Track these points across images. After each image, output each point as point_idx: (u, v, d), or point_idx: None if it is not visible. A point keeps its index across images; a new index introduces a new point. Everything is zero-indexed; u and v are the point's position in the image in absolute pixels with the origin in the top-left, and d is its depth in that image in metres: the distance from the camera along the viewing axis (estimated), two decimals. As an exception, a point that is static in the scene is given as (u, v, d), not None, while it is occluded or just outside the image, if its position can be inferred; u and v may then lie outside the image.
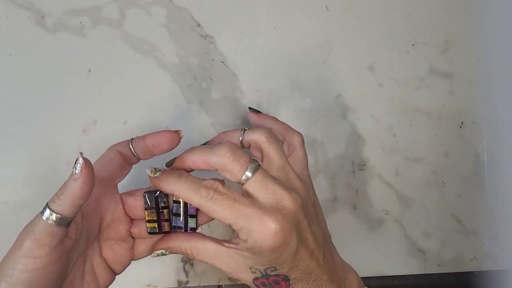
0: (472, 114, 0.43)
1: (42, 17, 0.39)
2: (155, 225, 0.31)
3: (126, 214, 0.31)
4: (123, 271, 0.32)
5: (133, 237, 0.32)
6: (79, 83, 0.39)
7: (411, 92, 0.42)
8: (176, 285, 0.41)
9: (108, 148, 0.31)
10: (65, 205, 0.25)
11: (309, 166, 0.41)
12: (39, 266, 0.25)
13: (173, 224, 0.32)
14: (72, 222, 0.26)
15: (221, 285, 0.41)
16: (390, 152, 0.42)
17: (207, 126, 0.40)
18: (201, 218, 0.32)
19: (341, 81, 0.42)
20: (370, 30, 0.42)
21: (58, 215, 0.25)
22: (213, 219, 0.30)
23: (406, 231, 0.42)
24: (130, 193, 0.32)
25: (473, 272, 0.43)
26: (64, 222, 0.25)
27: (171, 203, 0.32)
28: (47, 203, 0.26)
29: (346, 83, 0.42)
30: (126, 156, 0.30)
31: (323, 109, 0.42)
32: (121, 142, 0.31)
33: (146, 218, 0.31)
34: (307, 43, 0.41)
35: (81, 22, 0.39)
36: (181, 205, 0.31)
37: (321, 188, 0.41)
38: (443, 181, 0.42)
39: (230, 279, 0.41)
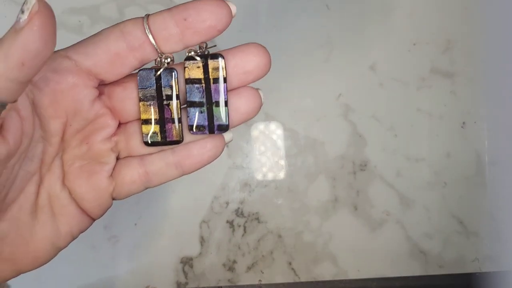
0: (473, 114, 0.42)
1: (41, 15, 0.39)
2: (156, 128, 0.20)
3: (110, 113, 0.20)
4: (101, 214, 0.21)
5: (117, 157, 0.21)
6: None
7: (412, 92, 0.42)
8: (175, 286, 0.40)
9: (111, 26, 0.19)
10: None
11: (309, 166, 0.41)
12: None
13: (189, 122, 0.20)
14: (8, 112, 0.16)
15: (221, 286, 0.41)
16: (391, 153, 0.42)
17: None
18: (236, 110, 0.20)
19: (341, 81, 0.41)
20: (371, 29, 0.42)
21: None
22: (256, 113, 0.20)
23: (407, 232, 0.42)
24: (116, 81, 0.20)
25: (474, 274, 0.43)
26: None
27: (182, 87, 0.20)
28: None
29: (347, 82, 0.41)
30: (133, 43, 0.18)
31: (323, 109, 0.41)
32: (129, 20, 0.19)
33: (141, 117, 0.20)
34: (307, 42, 0.41)
35: (79, 21, 0.39)
36: (202, 84, 0.19)
37: (322, 189, 0.41)
38: (444, 182, 0.42)
39: (229, 280, 0.41)
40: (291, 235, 0.41)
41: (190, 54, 0.20)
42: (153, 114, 0.20)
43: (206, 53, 0.20)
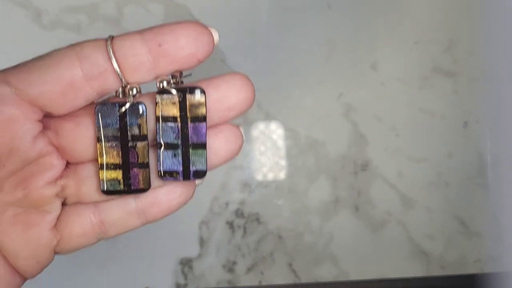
0: (476, 114, 0.42)
1: (39, 14, 0.39)
2: (118, 174, 0.16)
3: (56, 152, 0.16)
4: (38, 273, 0.17)
5: (63, 202, 0.17)
6: (76, 81, 0.38)
7: (414, 92, 0.42)
8: (174, 287, 0.40)
9: (65, 47, 0.16)
10: None
11: (310, 166, 0.41)
12: None
13: (160, 167, 0.17)
14: None
15: (221, 288, 0.41)
16: (392, 153, 0.42)
17: (206, 126, 0.40)
18: (215, 153, 0.17)
19: (343, 80, 0.41)
20: (372, 28, 0.41)
21: None
22: (237, 154, 0.18)
23: (409, 233, 0.42)
24: (66, 115, 0.16)
25: (476, 275, 0.43)
26: None
27: (151, 124, 0.17)
28: None
29: (348, 82, 0.41)
30: (92, 71, 0.15)
31: (324, 108, 0.41)
32: (88, 41, 0.16)
33: (99, 161, 0.16)
34: (308, 41, 0.41)
35: (78, 20, 0.39)
36: (177, 123, 0.16)
37: (322, 189, 0.41)
38: (446, 182, 0.42)
39: (229, 281, 0.41)
40: (292, 236, 0.41)
41: (163, 86, 0.16)
42: (114, 159, 0.16)
43: (180, 83, 0.17)
